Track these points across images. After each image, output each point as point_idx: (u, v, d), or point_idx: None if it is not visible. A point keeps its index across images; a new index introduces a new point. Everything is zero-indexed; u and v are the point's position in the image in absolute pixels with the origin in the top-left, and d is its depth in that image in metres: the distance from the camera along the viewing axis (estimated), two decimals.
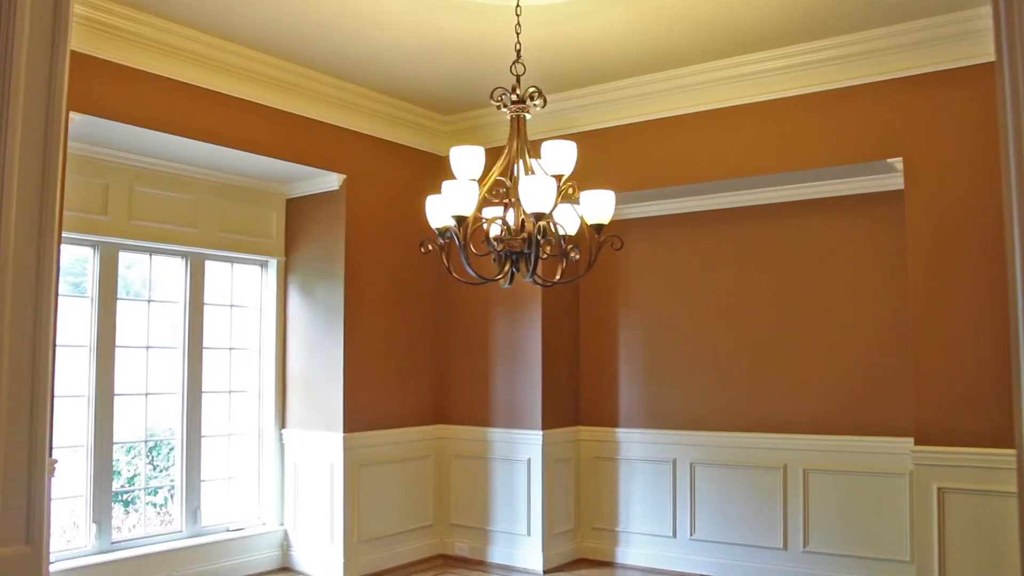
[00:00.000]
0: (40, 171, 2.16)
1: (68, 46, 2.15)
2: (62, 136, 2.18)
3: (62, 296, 5.26)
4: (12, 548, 2.19)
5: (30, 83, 2.09)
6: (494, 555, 6.73)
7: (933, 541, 4.93)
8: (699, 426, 6.36)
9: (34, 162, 2.13)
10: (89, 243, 5.55)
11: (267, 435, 6.54)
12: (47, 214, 2.19)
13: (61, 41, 2.14)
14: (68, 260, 5.55)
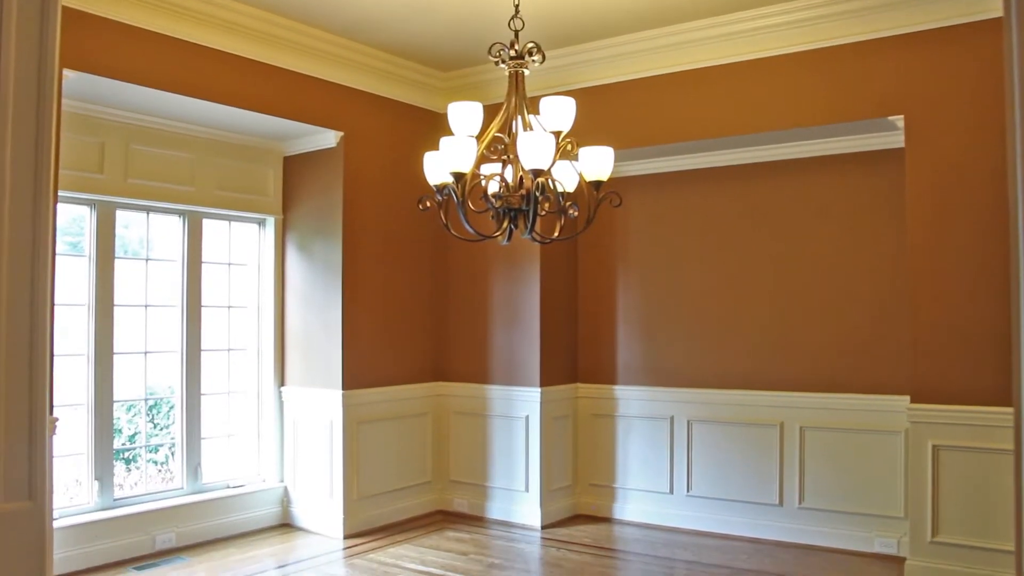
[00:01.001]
0: (34, 129, 2.14)
1: (59, 1, 2.13)
2: (55, 93, 2.16)
3: (60, 255, 5.25)
4: (15, 504, 2.21)
5: (21, 39, 2.07)
6: (492, 511, 6.79)
7: (927, 497, 5.00)
8: (697, 384, 6.40)
9: (27, 120, 2.12)
10: (85, 202, 5.53)
11: (266, 393, 6.57)
12: (42, 172, 2.18)
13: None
14: (65, 219, 5.54)
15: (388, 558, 5.73)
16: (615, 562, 5.77)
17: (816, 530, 5.88)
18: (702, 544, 6.04)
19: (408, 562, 5.64)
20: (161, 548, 5.69)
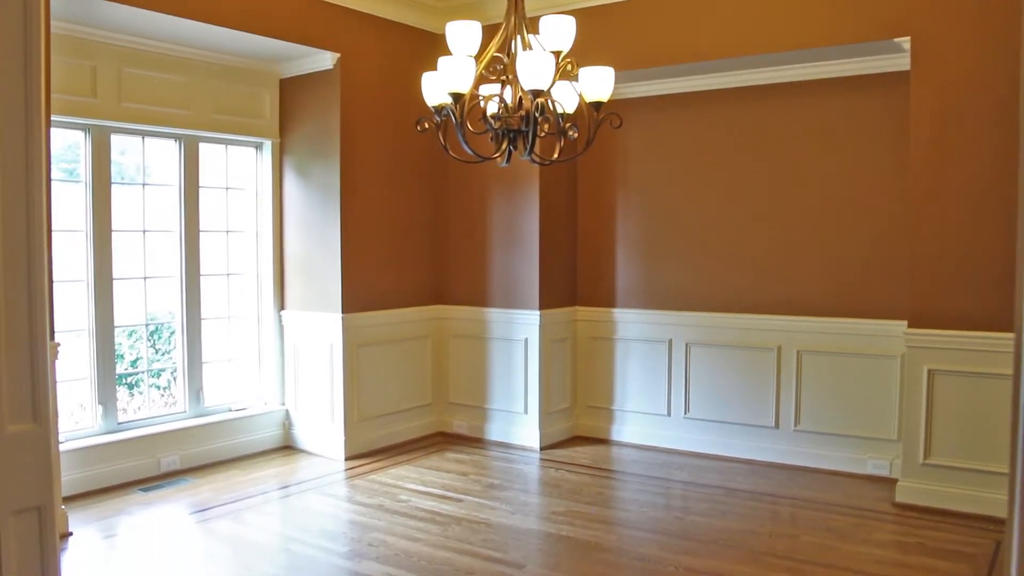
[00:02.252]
0: (21, 49, 2.11)
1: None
2: (43, 12, 2.11)
3: (56, 182, 5.22)
4: (20, 426, 2.23)
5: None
6: (492, 433, 6.88)
7: (920, 420, 5.06)
8: (695, 307, 6.41)
9: (14, 39, 2.08)
10: (80, 126, 5.47)
11: (266, 317, 6.59)
12: (32, 93, 2.15)
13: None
14: (60, 146, 5.48)
15: (389, 479, 5.81)
16: (613, 482, 5.86)
17: (811, 452, 5.97)
18: (698, 465, 6.13)
19: (409, 483, 5.73)
20: (166, 470, 5.78)
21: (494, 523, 4.98)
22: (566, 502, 5.36)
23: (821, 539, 4.66)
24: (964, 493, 4.97)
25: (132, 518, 4.99)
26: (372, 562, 4.35)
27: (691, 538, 4.71)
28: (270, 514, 5.18)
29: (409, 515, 5.09)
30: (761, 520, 5.03)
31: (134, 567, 4.30)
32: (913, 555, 4.43)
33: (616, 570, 4.29)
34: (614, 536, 4.79)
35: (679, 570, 4.25)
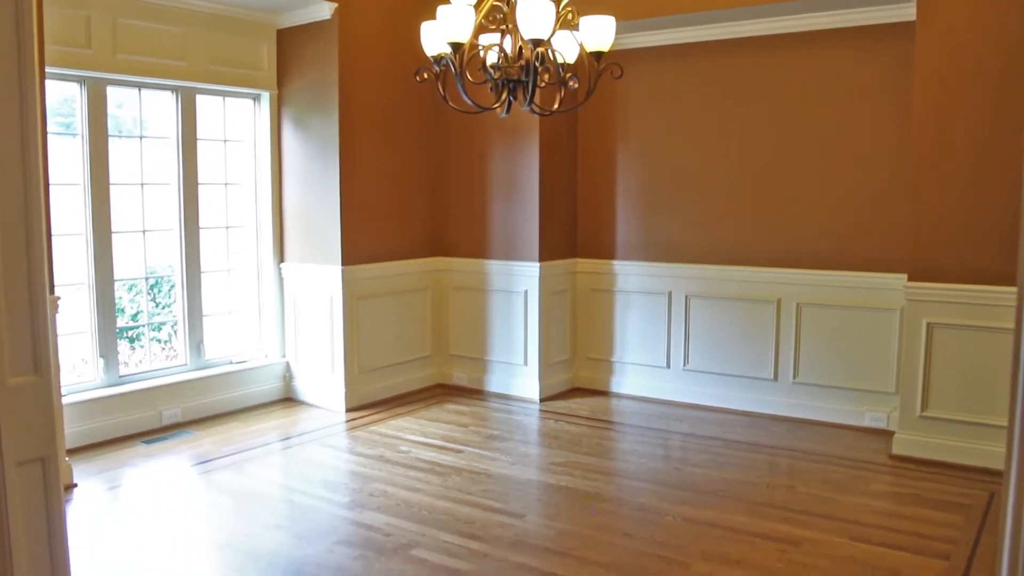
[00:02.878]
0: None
1: None
2: None
3: (52, 135, 5.17)
4: (22, 378, 2.25)
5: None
6: (492, 384, 6.91)
7: (918, 373, 5.08)
8: (695, 259, 6.41)
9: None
10: (74, 78, 5.40)
11: (266, 270, 6.59)
12: (24, 43, 2.13)
13: None
14: (56, 100, 5.42)
15: (389, 430, 5.85)
16: (612, 433, 5.90)
17: (809, 404, 6.00)
18: (697, 417, 6.17)
19: (409, 434, 5.76)
20: (168, 423, 5.82)
21: (494, 473, 5.02)
22: (565, 453, 5.40)
23: (818, 490, 4.70)
24: (960, 445, 5.01)
25: (135, 470, 5.03)
26: (373, 512, 4.40)
27: (689, 489, 4.75)
28: (272, 465, 5.23)
29: (409, 466, 5.13)
30: (759, 471, 5.08)
31: (138, 518, 4.35)
32: (908, 506, 4.47)
33: (615, 519, 4.34)
34: (613, 486, 4.83)
35: (677, 520, 4.30)
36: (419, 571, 3.72)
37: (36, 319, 2.26)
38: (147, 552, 3.94)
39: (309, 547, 3.96)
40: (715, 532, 4.15)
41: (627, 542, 4.05)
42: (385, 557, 3.86)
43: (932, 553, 3.89)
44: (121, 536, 4.12)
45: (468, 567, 3.76)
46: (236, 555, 3.88)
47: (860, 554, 3.88)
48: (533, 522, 4.30)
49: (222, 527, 4.23)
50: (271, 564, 3.79)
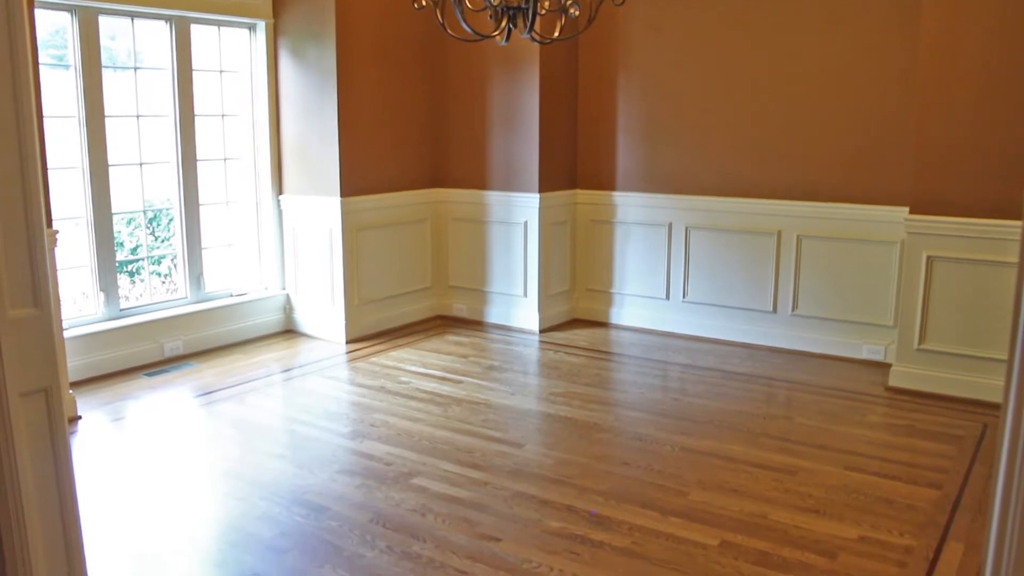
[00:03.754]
0: None
1: None
2: None
3: (44, 66, 5.10)
4: (22, 310, 2.25)
5: None
6: (491, 316, 6.94)
7: (917, 306, 5.09)
8: (696, 190, 6.37)
9: None
10: (65, 6, 5.30)
11: (264, 202, 6.56)
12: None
13: None
14: (47, 31, 5.34)
15: (390, 361, 5.90)
16: (611, 364, 5.94)
17: (807, 336, 6.03)
18: (696, 348, 6.20)
19: (409, 365, 5.81)
20: (169, 355, 5.85)
21: (494, 404, 5.07)
22: (564, 383, 5.44)
23: (814, 421, 4.75)
24: (956, 378, 5.05)
25: (138, 402, 5.08)
26: (374, 442, 4.45)
27: (687, 419, 4.81)
28: (273, 396, 5.28)
29: (410, 396, 5.18)
30: (756, 402, 5.12)
31: (142, 448, 4.40)
32: (903, 437, 4.53)
33: (613, 449, 4.39)
34: (612, 416, 4.88)
35: (675, 450, 4.35)
36: (420, 500, 3.77)
37: (34, 251, 2.26)
38: (152, 481, 4.00)
39: (311, 476, 4.02)
40: (712, 461, 4.20)
41: (625, 471, 4.10)
42: (386, 486, 3.92)
43: (924, 482, 3.95)
44: (126, 466, 4.18)
45: (468, 495, 3.82)
46: (239, 484, 3.94)
47: (854, 483, 3.94)
48: (532, 451, 4.35)
49: (225, 457, 4.29)
50: (274, 492, 3.85)
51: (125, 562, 3.26)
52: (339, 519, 3.60)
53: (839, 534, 3.46)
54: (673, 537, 3.44)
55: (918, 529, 3.50)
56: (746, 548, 3.35)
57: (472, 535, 3.46)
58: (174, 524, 3.58)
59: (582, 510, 3.68)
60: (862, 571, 3.17)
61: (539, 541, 3.41)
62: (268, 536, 3.45)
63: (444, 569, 3.19)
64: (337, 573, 3.16)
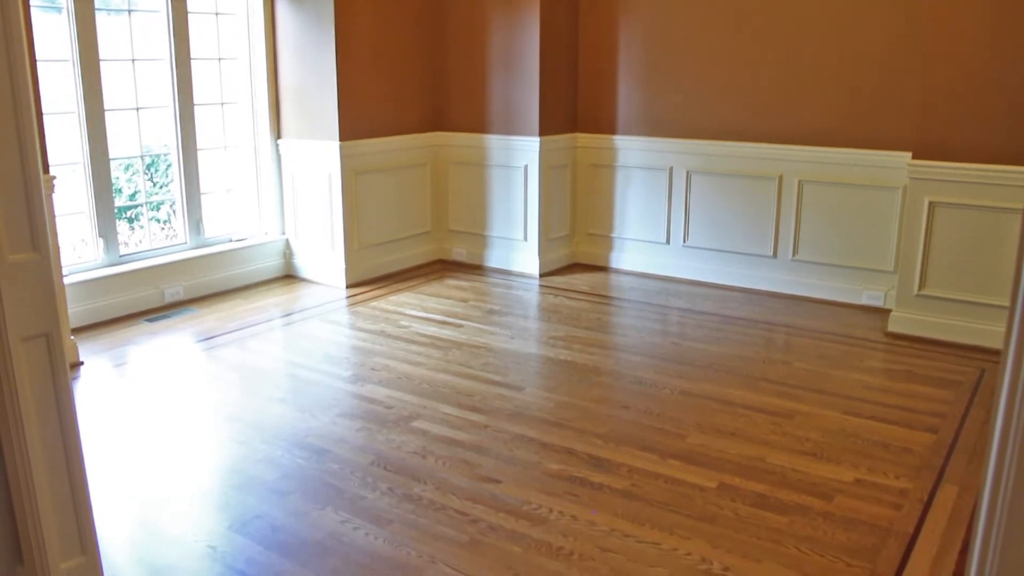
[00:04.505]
0: None
1: None
2: None
3: (36, 9, 5.02)
4: (21, 255, 2.25)
5: None
6: (491, 260, 6.94)
7: (917, 252, 5.08)
8: (697, 134, 6.32)
9: None
10: None
11: (263, 146, 6.51)
12: None
13: None
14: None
15: (390, 305, 5.91)
16: (610, 308, 5.95)
17: (807, 282, 6.03)
18: (696, 293, 6.21)
19: (409, 309, 5.82)
20: (170, 301, 5.85)
21: (494, 347, 5.09)
22: (564, 327, 5.46)
23: (813, 366, 4.77)
24: (954, 323, 5.06)
25: (140, 347, 5.10)
26: (375, 385, 4.48)
27: (687, 363, 4.83)
28: (274, 341, 5.29)
29: (410, 340, 5.20)
30: (756, 347, 5.14)
31: (145, 393, 4.43)
32: (900, 382, 4.55)
33: (613, 392, 4.42)
34: (611, 360, 4.90)
35: (674, 393, 4.38)
36: (420, 442, 3.81)
37: (31, 196, 2.25)
38: (155, 426, 4.03)
39: (312, 419, 4.05)
40: (711, 405, 4.23)
41: (624, 414, 4.13)
42: (387, 429, 3.95)
43: (921, 427, 3.98)
44: (129, 411, 4.21)
45: (468, 438, 3.86)
46: (241, 427, 3.97)
47: (851, 427, 3.97)
48: (532, 394, 4.38)
49: (227, 401, 4.32)
50: (275, 436, 3.88)
51: (130, 505, 3.30)
52: (340, 462, 3.63)
53: (836, 477, 3.50)
54: (671, 479, 3.48)
55: (914, 472, 3.54)
56: (744, 490, 3.39)
57: (472, 477, 3.50)
58: (177, 468, 3.62)
59: (582, 452, 3.71)
60: (858, 513, 3.21)
61: (539, 483, 3.45)
62: (270, 479, 3.49)
63: (444, 511, 3.23)
64: (339, 515, 3.20)
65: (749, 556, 2.93)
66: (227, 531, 3.11)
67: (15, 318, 2.25)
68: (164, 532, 3.11)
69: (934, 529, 3.10)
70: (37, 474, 2.37)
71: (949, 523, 3.15)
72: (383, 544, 3.01)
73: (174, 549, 2.99)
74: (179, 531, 3.11)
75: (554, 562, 2.90)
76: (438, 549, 2.98)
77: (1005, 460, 1.18)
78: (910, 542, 3.02)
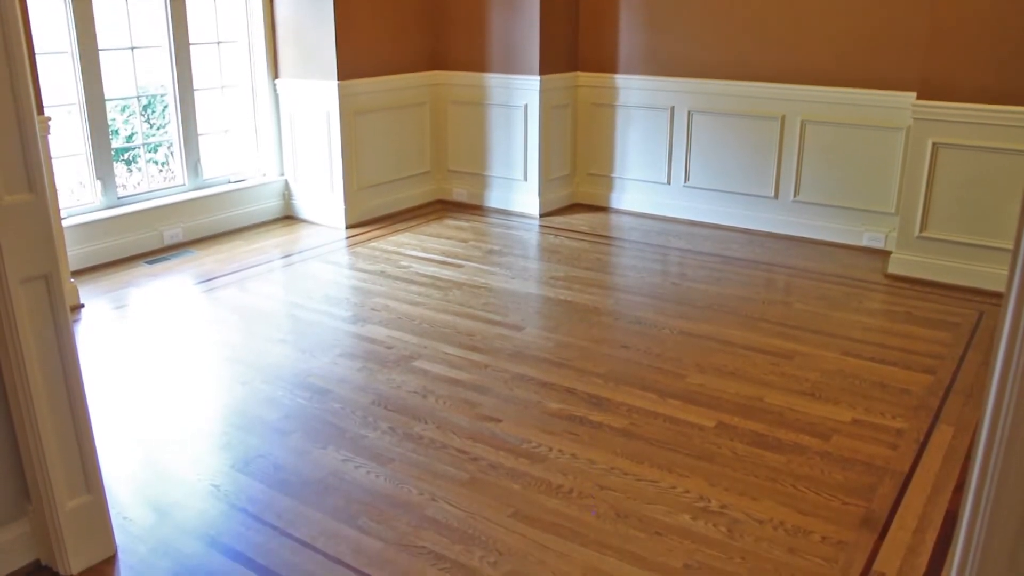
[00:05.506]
0: None
1: None
2: None
3: None
4: (17, 196, 2.24)
5: None
6: (491, 200, 6.91)
7: (920, 194, 5.05)
8: (699, 74, 6.25)
9: None
10: None
11: (260, 86, 6.44)
12: None
13: None
14: None
15: (389, 246, 5.90)
16: (611, 249, 5.95)
17: (808, 223, 6.01)
18: (696, 233, 6.19)
19: (409, 249, 5.81)
20: (169, 243, 5.84)
21: (494, 287, 5.09)
22: (564, 267, 5.46)
23: (812, 307, 4.78)
24: (954, 266, 5.05)
25: (140, 289, 5.10)
26: (375, 326, 4.49)
27: (687, 303, 4.84)
28: (274, 282, 5.30)
29: (410, 280, 5.20)
30: (755, 287, 5.15)
31: (146, 335, 4.44)
32: (899, 323, 4.56)
33: (613, 332, 4.44)
34: (611, 300, 4.91)
35: (674, 333, 4.39)
36: (421, 382, 3.83)
37: (25, 136, 2.23)
38: (156, 367, 4.05)
39: (313, 360, 4.07)
40: (710, 345, 4.25)
41: (624, 354, 4.15)
42: (387, 369, 3.97)
43: (919, 368, 4.00)
44: (130, 353, 4.23)
45: (468, 377, 3.88)
46: (242, 368, 3.99)
47: (849, 368, 3.99)
48: (532, 334, 4.39)
49: (228, 342, 4.33)
50: (276, 376, 3.90)
51: (133, 446, 3.33)
52: (341, 401, 3.66)
53: (833, 417, 3.52)
54: (670, 419, 3.51)
55: (910, 413, 3.56)
56: (742, 429, 3.41)
57: (473, 416, 3.53)
58: (180, 409, 3.64)
59: (581, 392, 3.74)
60: (855, 452, 3.25)
61: (539, 422, 3.48)
62: (272, 419, 3.52)
63: (445, 449, 3.26)
64: (340, 454, 3.24)
65: (746, 494, 2.97)
66: (230, 470, 3.14)
67: (13, 260, 2.25)
68: (168, 471, 3.15)
69: (929, 468, 3.14)
70: (41, 414, 2.39)
71: (944, 462, 3.18)
72: (384, 482, 3.05)
73: (178, 488, 3.03)
74: (183, 470, 3.15)
75: (553, 500, 2.93)
76: (438, 487, 3.01)
77: (1004, 398, 1.18)
78: (905, 481, 3.05)
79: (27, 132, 2.22)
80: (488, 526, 2.79)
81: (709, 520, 2.83)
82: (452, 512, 2.86)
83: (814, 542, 2.71)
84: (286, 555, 2.65)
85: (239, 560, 2.63)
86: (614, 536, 2.74)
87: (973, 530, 1.28)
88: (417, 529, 2.78)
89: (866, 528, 2.78)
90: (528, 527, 2.79)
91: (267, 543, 2.71)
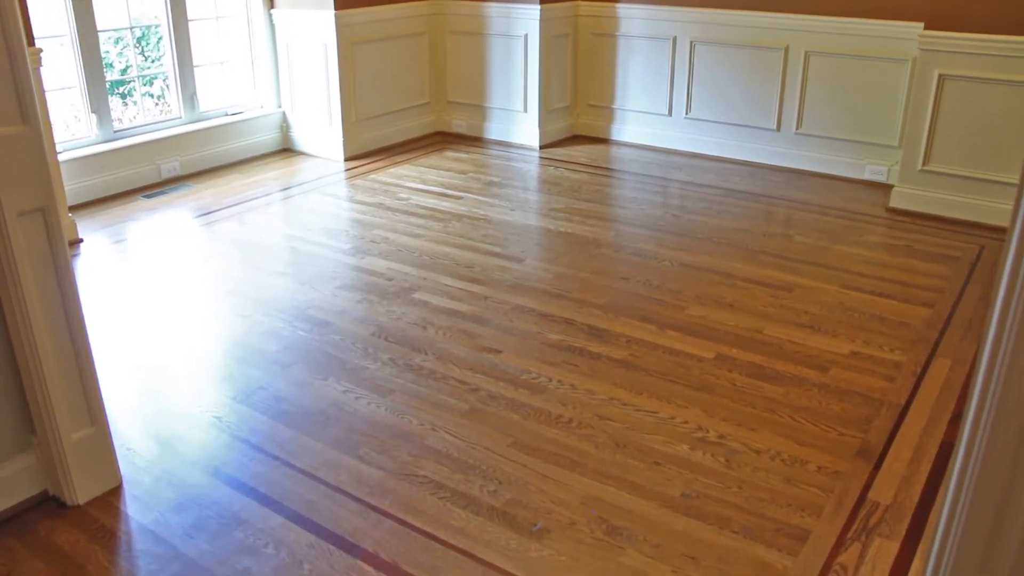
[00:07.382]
0: None
1: None
2: None
3: None
4: (10, 128, 2.22)
5: None
6: (491, 132, 6.85)
7: (924, 126, 4.99)
8: (702, 3, 6.13)
9: None
10: None
11: (256, 16, 6.33)
12: None
13: None
14: None
15: (389, 178, 5.86)
16: (611, 180, 5.91)
17: (810, 155, 5.95)
18: (697, 166, 6.15)
19: (408, 181, 5.78)
20: (167, 177, 5.80)
21: (494, 219, 5.08)
22: (564, 199, 5.43)
23: (813, 240, 4.77)
24: (956, 200, 5.02)
25: (138, 223, 5.08)
26: (375, 257, 4.48)
27: (687, 235, 4.82)
28: (273, 215, 5.28)
29: (409, 212, 5.18)
30: (756, 220, 5.13)
31: (145, 268, 4.44)
32: (899, 257, 4.55)
33: (613, 264, 4.43)
34: (611, 232, 4.90)
35: (674, 265, 4.39)
36: (421, 313, 3.84)
37: (16, 66, 2.19)
38: (157, 301, 4.06)
39: (313, 292, 4.08)
40: (710, 277, 4.25)
41: (624, 285, 4.15)
42: (387, 300, 3.98)
43: (918, 301, 4.00)
44: (130, 287, 4.23)
45: (468, 309, 3.89)
46: (242, 301, 4.00)
47: (849, 301, 3.99)
48: (532, 266, 4.39)
49: (227, 275, 4.33)
50: (276, 308, 3.91)
51: (136, 379, 3.35)
52: (342, 333, 3.67)
53: (832, 349, 3.54)
54: (670, 350, 3.52)
55: (909, 345, 3.58)
56: (741, 361, 3.43)
57: (472, 347, 3.54)
58: (181, 342, 3.66)
59: (581, 323, 3.75)
60: (852, 384, 3.27)
61: (538, 353, 3.50)
62: (273, 351, 3.53)
63: (445, 380, 3.28)
64: (341, 385, 3.26)
65: (744, 425, 2.99)
66: (232, 402, 3.16)
67: (8, 192, 2.23)
68: (170, 403, 3.17)
69: (926, 400, 3.16)
70: (42, 348, 2.39)
71: (941, 395, 3.20)
72: (384, 413, 3.07)
73: (181, 420, 3.06)
74: (185, 402, 3.17)
75: (553, 430, 2.96)
76: (439, 417, 3.04)
77: (1003, 334, 1.18)
78: (902, 413, 3.08)
79: (18, 62, 2.19)
80: (488, 456, 2.82)
81: (707, 450, 2.86)
82: (452, 442, 2.89)
83: (810, 472, 2.74)
84: (288, 485, 2.69)
85: (242, 490, 2.66)
86: (613, 465, 2.77)
87: (968, 460, 1.29)
88: (417, 459, 2.81)
89: (862, 458, 2.82)
90: (528, 456, 2.82)
91: (269, 473, 2.75)
